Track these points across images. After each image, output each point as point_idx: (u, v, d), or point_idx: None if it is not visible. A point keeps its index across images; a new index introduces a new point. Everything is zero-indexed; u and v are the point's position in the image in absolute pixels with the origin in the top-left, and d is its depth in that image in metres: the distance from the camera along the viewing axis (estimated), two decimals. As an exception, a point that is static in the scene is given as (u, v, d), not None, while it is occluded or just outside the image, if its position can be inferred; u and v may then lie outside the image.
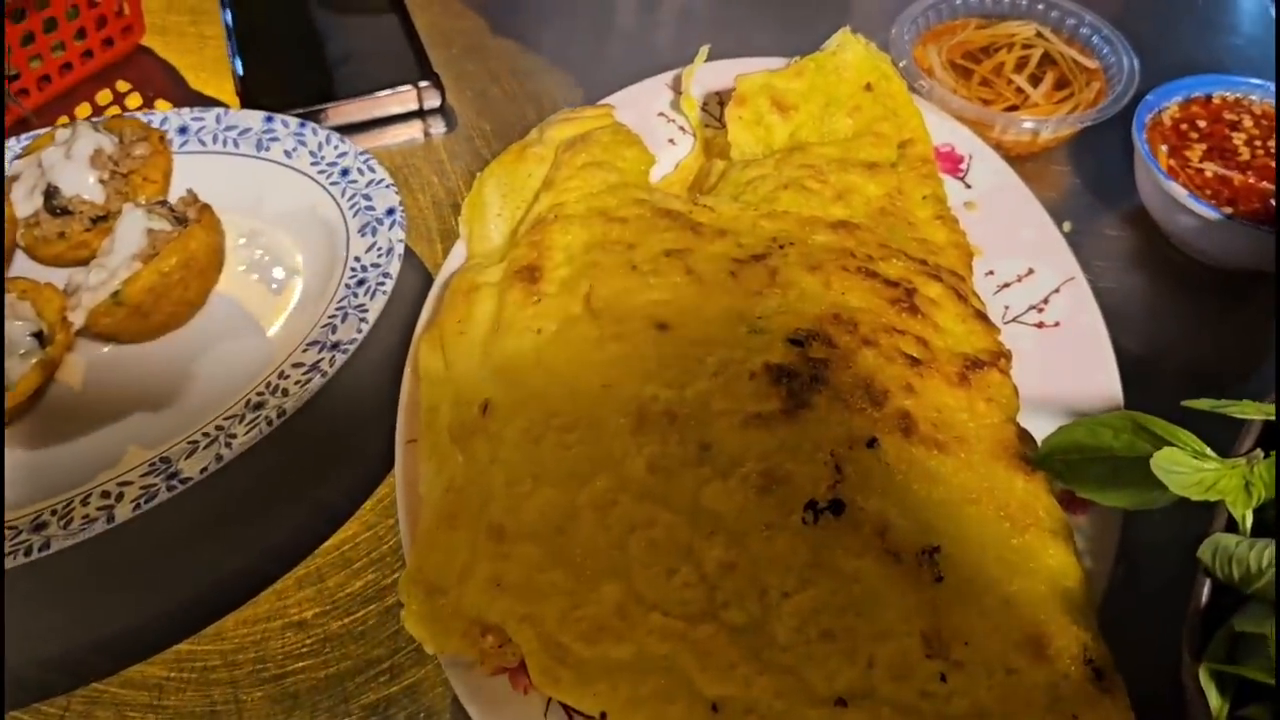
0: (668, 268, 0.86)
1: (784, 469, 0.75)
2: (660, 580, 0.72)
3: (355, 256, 0.98)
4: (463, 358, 0.85)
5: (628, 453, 0.76)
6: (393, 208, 1.00)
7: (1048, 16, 1.25)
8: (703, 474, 0.76)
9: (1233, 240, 1.03)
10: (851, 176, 1.01)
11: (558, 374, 0.81)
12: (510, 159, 1.02)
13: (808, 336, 0.81)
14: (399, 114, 1.21)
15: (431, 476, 0.79)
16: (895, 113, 1.09)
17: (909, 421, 0.77)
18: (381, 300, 0.93)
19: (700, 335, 0.82)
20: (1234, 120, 1.14)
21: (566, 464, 0.76)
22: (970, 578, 0.71)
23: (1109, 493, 0.73)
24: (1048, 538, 0.74)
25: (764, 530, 0.73)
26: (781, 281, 0.86)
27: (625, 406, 0.78)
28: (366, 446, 0.90)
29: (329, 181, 1.05)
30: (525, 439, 0.78)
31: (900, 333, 0.84)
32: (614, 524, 0.74)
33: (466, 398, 0.82)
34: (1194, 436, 0.68)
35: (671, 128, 1.13)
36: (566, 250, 0.90)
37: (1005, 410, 0.82)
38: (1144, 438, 0.71)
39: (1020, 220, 1.04)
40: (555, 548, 0.74)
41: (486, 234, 0.96)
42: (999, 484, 0.76)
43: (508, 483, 0.76)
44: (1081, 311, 0.96)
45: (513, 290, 0.86)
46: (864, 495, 0.74)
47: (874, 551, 0.72)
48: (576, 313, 0.85)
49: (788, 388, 0.78)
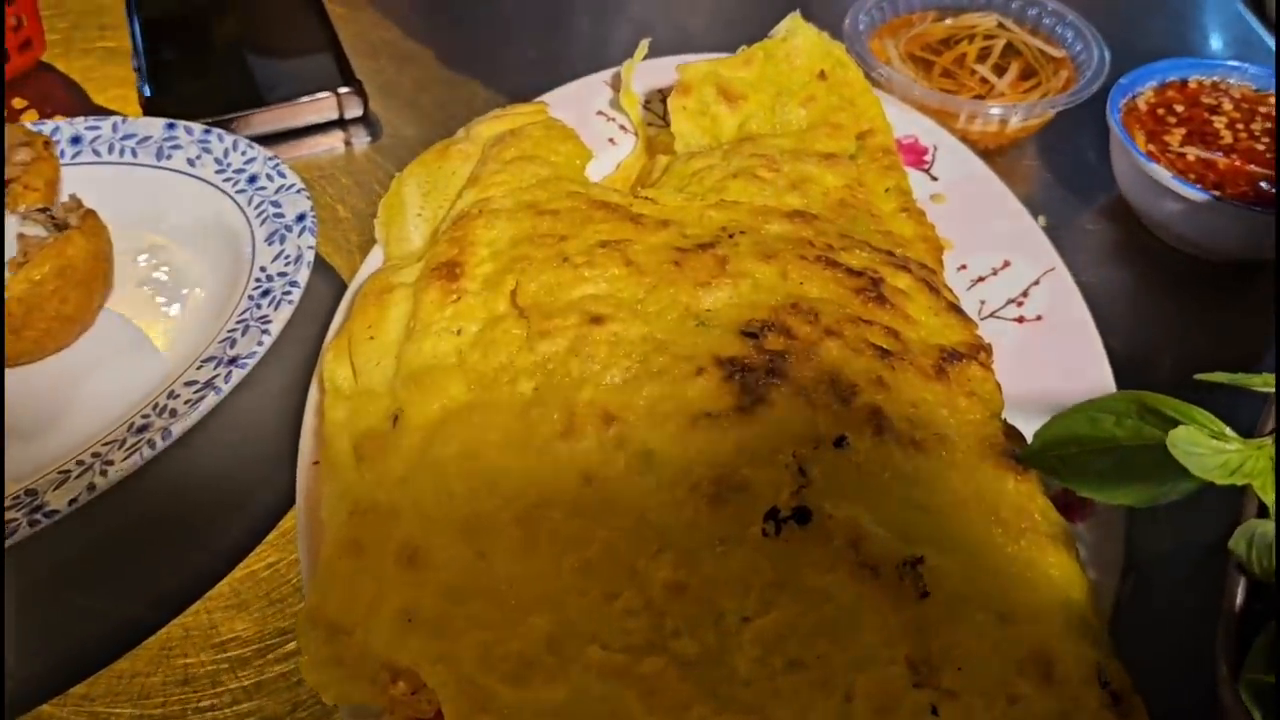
0: (604, 259, 0.76)
1: (739, 474, 0.65)
2: (598, 608, 0.61)
3: (261, 266, 0.88)
4: (373, 366, 0.74)
5: (559, 462, 0.66)
6: (303, 213, 0.90)
7: (1009, 7, 1.18)
8: (646, 484, 0.65)
9: (1222, 224, 0.95)
10: (807, 166, 0.92)
11: (481, 378, 0.71)
12: (432, 157, 0.92)
13: (763, 327, 0.72)
14: (319, 123, 1.12)
15: (334, 500, 0.68)
16: (852, 102, 1.01)
17: (881, 418, 0.68)
18: (287, 310, 0.82)
19: (640, 330, 0.72)
20: (1213, 104, 1.06)
21: (489, 478, 0.66)
22: (960, 592, 0.61)
23: (1114, 489, 0.64)
24: (1046, 544, 0.64)
25: (718, 545, 0.63)
26: (732, 271, 0.76)
27: (556, 411, 0.68)
28: (271, 474, 0.80)
29: (235, 189, 0.95)
30: (442, 452, 0.67)
31: (867, 323, 0.74)
32: (543, 544, 0.63)
33: (375, 409, 0.71)
34: (1211, 416, 0.59)
35: (611, 126, 1.04)
36: (491, 245, 0.80)
37: (989, 406, 0.73)
38: (1152, 422, 0.62)
39: (992, 211, 0.96)
40: (475, 574, 0.63)
41: (405, 235, 0.86)
42: (987, 486, 0.66)
43: (421, 502, 0.66)
44: (1065, 304, 0.88)
45: (430, 289, 0.76)
46: (833, 501, 0.64)
47: (847, 565, 0.61)
48: (501, 311, 0.75)
49: (741, 383, 0.68)
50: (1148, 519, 0.76)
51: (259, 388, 0.85)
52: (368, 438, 0.69)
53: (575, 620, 0.61)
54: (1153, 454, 0.62)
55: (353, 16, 1.30)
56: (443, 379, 0.71)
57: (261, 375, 0.85)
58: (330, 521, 0.68)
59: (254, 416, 0.84)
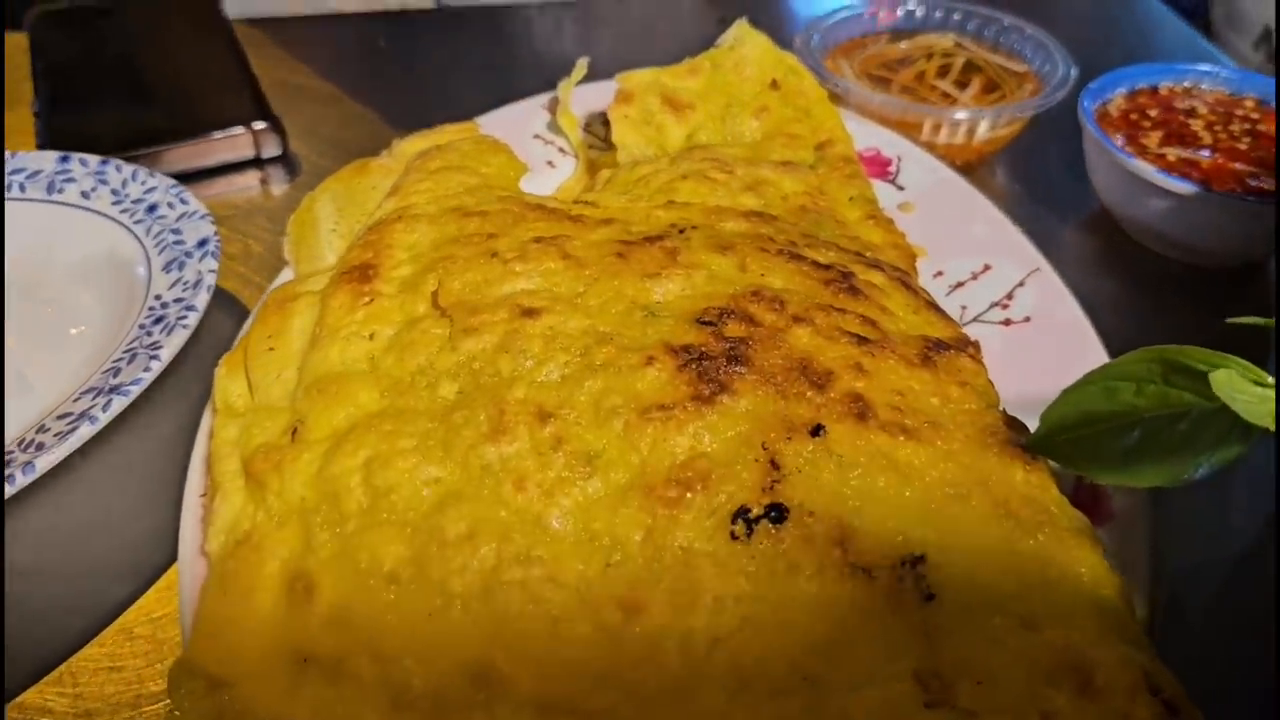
0: (538, 253, 0.67)
1: (699, 470, 0.54)
2: (540, 638, 0.50)
3: (156, 295, 0.78)
4: (272, 380, 0.64)
5: (488, 468, 0.55)
6: (205, 239, 0.81)
7: (965, 27, 1.13)
8: (590, 489, 0.55)
9: (1212, 219, 0.87)
10: (763, 171, 0.84)
11: (395, 384, 0.61)
12: (350, 173, 0.84)
13: (721, 314, 0.63)
14: (236, 162, 1.03)
15: (218, 530, 0.57)
16: (808, 112, 0.94)
17: (863, 405, 0.58)
18: (181, 336, 0.72)
19: (581, 323, 0.62)
20: (1187, 108, 1.01)
21: (405, 492, 0.55)
22: (971, 594, 0.50)
23: (1140, 470, 0.54)
24: (1068, 538, 0.54)
25: (679, 553, 0.52)
26: (684, 262, 0.67)
27: (482, 412, 0.57)
28: (160, 522, 0.68)
29: (133, 220, 0.86)
30: (345, 464, 0.56)
31: (840, 311, 0.65)
32: (470, 567, 0.52)
33: (272, 425, 0.61)
34: (1247, 363, 0.50)
35: (550, 149, 0.96)
36: (411, 249, 0.71)
37: (984, 398, 0.63)
38: (1180, 383, 0.53)
39: (966, 216, 0.88)
40: (386, 605, 0.52)
41: (318, 254, 0.77)
42: (993, 476, 0.56)
43: (325, 523, 0.55)
44: (1055, 303, 0.79)
45: (338, 293, 0.66)
46: (811, 495, 0.54)
47: (834, 568, 0.51)
48: (421, 312, 0.65)
49: (698, 371, 0.58)
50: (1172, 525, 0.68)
51: (152, 429, 0.74)
52: (260, 455, 0.58)
53: (506, 654, 0.50)
54: (1182, 422, 0.53)
55: (273, 58, 1.24)
56: (351, 386, 0.61)
57: (154, 414, 0.74)
58: (214, 555, 0.57)
59: (144, 460, 0.72)
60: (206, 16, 1.22)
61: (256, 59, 1.15)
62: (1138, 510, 0.63)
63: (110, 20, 1.24)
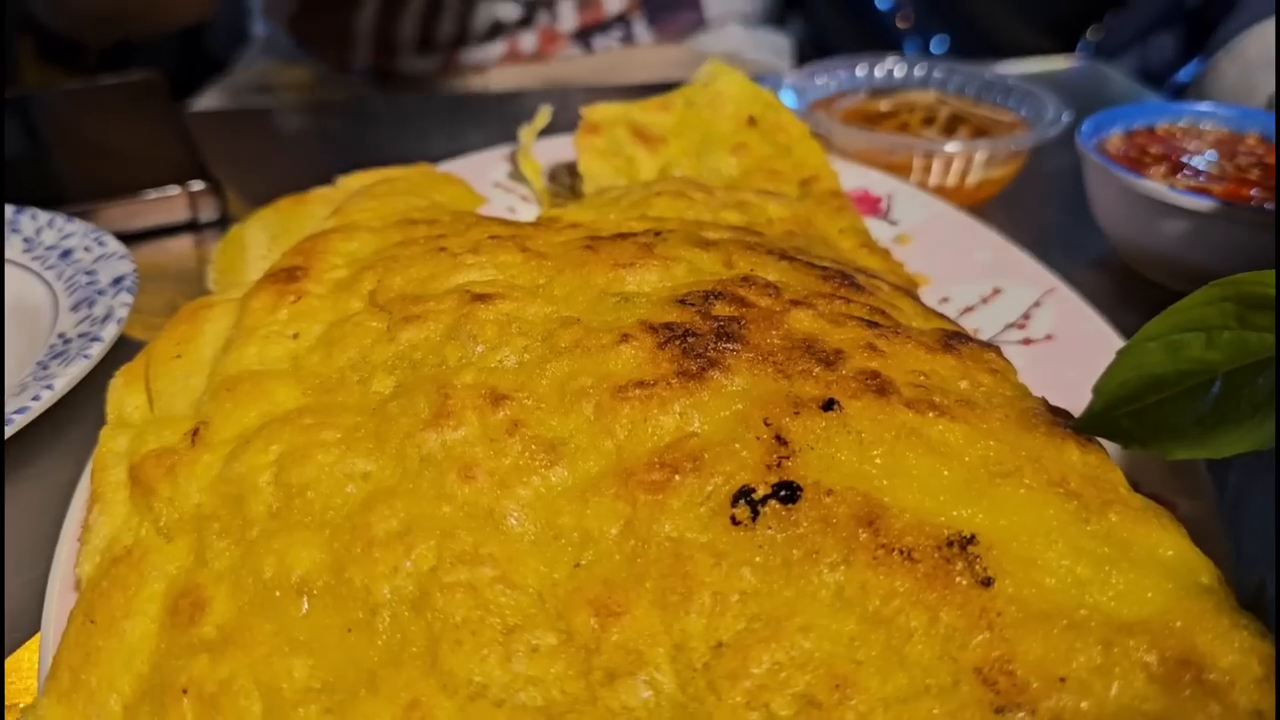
0: (493, 247, 0.58)
1: (689, 450, 0.44)
2: (491, 656, 0.39)
3: (60, 333, 0.68)
4: (177, 389, 0.54)
5: (428, 459, 0.45)
6: (121, 276, 0.72)
7: (947, 85, 1.08)
8: (556, 479, 0.44)
9: (1232, 237, 0.80)
10: (745, 195, 0.77)
11: (322, 382, 0.51)
12: (288, 203, 0.75)
13: (706, 296, 0.53)
14: (170, 225, 0.95)
15: (93, 549, 0.46)
16: (789, 150, 0.87)
17: (883, 381, 0.48)
18: (81, 367, 0.62)
19: (542, 310, 0.53)
20: (1186, 147, 0.95)
21: (325, 489, 0.44)
22: (1039, 578, 0.40)
23: (1222, 437, 0.45)
24: (1148, 518, 0.43)
25: (667, 544, 0.41)
26: (661, 254, 0.59)
27: (422, 398, 0.47)
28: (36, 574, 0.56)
29: (44, 266, 0.77)
30: (255, 461, 0.46)
31: (845, 300, 0.56)
32: (401, 570, 0.41)
33: (170, 433, 0.50)
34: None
35: (511, 197, 0.88)
36: (348, 255, 0.62)
37: (1019, 387, 0.54)
38: (1261, 323, 0.44)
39: (969, 244, 0.81)
40: (293, 621, 0.40)
41: (243, 281, 0.67)
42: (1046, 454, 0.46)
43: (223, 530, 0.44)
44: (1077, 320, 0.71)
45: (260, 294, 0.57)
46: (828, 474, 0.43)
47: (864, 553, 0.40)
48: (356, 308, 0.55)
49: (682, 347, 0.49)
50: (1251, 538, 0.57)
51: (43, 479, 0.63)
52: (150, 459, 0.47)
53: (455, 675, 0.38)
54: (1268, 372, 0.43)
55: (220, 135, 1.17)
56: (268, 384, 0.50)
57: (46, 466, 0.64)
58: (86, 580, 0.45)
59: (30, 511, 0.61)
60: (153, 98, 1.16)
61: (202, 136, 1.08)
62: (1211, 517, 0.53)
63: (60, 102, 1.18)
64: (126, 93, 1.18)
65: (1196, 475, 0.54)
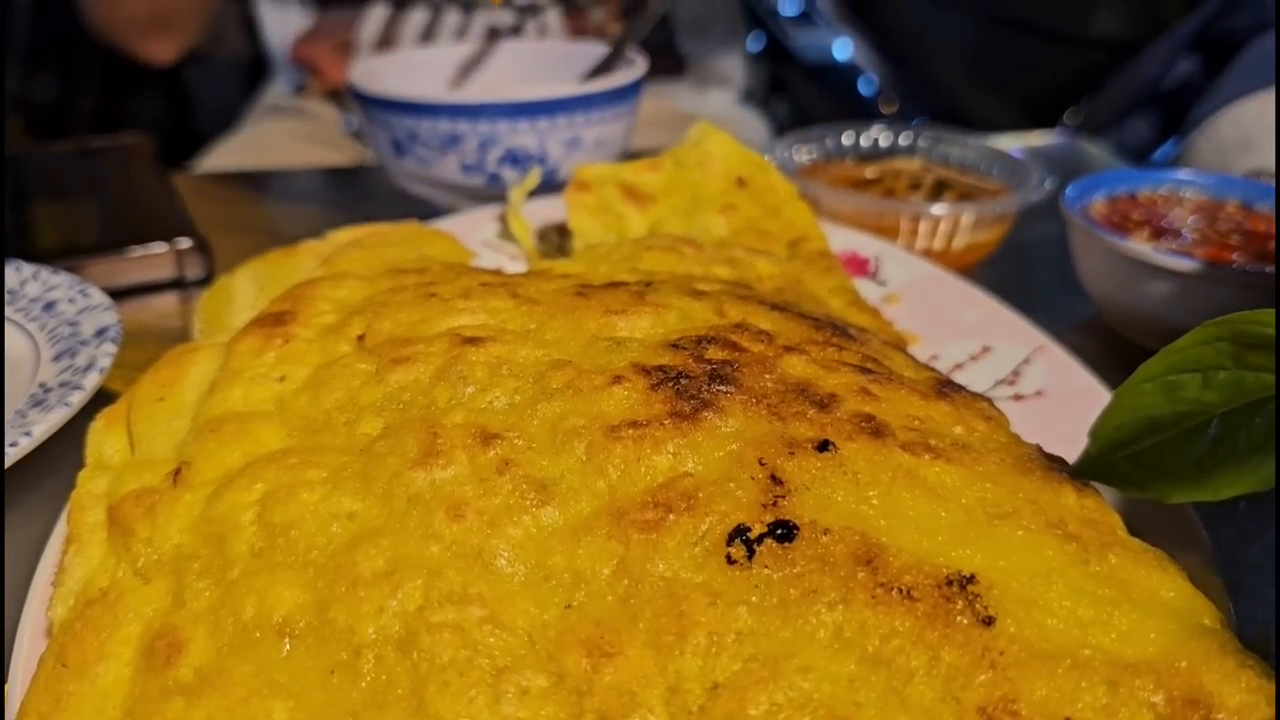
0: (484, 293, 0.58)
1: (683, 489, 0.43)
2: (480, 698, 0.38)
3: (41, 383, 0.67)
4: (159, 432, 0.53)
5: (416, 498, 0.44)
6: (105, 327, 0.72)
7: (932, 153, 1.10)
8: (546, 520, 0.44)
9: (1216, 299, 0.80)
10: (735, 252, 0.77)
11: (308, 424, 0.50)
12: (277, 255, 0.75)
13: (699, 341, 0.53)
14: (155, 283, 0.94)
15: (67, 591, 0.44)
16: (778, 210, 0.88)
17: (877, 424, 0.48)
18: (62, 414, 0.61)
19: (534, 353, 0.53)
20: (1168, 213, 0.96)
21: (309, 528, 0.43)
22: (1041, 618, 0.39)
23: (1219, 479, 0.44)
24: (1148, 560, 0.43)
25: (661, 584, 0.40)
26: (654, 302, 0.58)
27: (410, 437, 0.46)
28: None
29: (27, 318, 0.76)
30: (237, 500, 0.45)
31: (838, 347, 0.56)
32: (387, 609, 0.40)
33: (150, 475, 0.49)
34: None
35: (500, 257, 0.88)
36: (337, 302, 0.61)
37: (1014, 435, 0.53)
38: (1258, 362, 0.43)
39: (957, 302, 0.81)
40: (273, 663, 0.39)
41: (231, 330, 0.67)
42: (1043, 497, 0.46)
43: (203, 571, 0.43)
44: (1067, 376, 0.71)
45: (247, 338, 0.56)
46: (825, 513, 0.43)
47: (863, 592, 0.39)
48: (344, 351, 0.55)
49: (675, 389, 0.48)
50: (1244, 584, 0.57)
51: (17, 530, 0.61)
52: (130, 499, 0.46)
53: (441, 714, 0.37)
54: (1265, 412, 0.43)
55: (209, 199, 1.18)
56: (252, 426, 0.50)
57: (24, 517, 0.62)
58: (58, 624, 0.44)
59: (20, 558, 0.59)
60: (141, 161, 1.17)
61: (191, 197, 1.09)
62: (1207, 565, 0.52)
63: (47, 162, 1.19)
64: (115, 154, 1.19)
65: (1192, 528, 0.53)
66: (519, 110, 0.98)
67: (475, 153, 1.00)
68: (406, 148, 1.02)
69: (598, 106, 1.02)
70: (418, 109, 0.98)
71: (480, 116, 0.98)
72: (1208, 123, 1.65)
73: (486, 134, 0.99)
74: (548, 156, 1.02)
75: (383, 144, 1.04)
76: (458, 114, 0.98)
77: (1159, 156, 2.06)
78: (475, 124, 0.98)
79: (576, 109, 1.00)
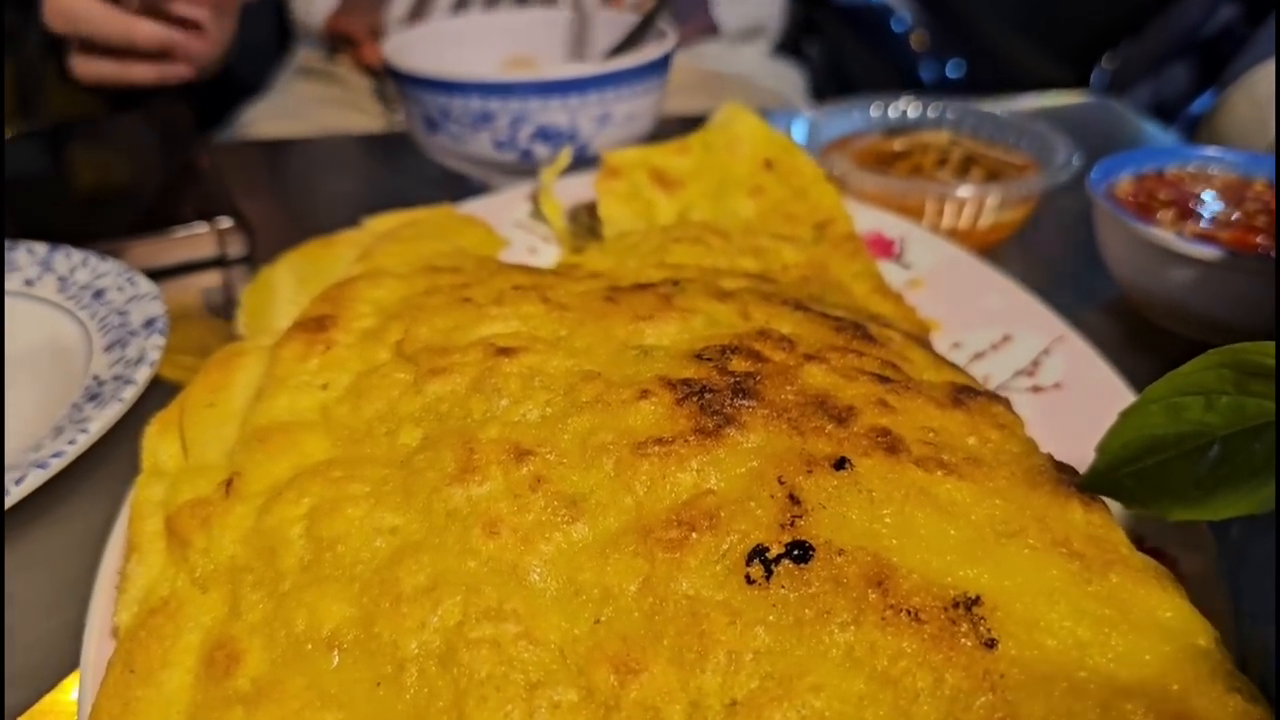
0: (516, 298, 0.60)
1: (705, 508, 0.46)
2: (515, 712, 0.41)
3: (94, 375, 0.71)
4: (210, 437, 0.56)
5: (454, 513, 0.47)
6: (153, 318, 0.74)
7: (961, 125, 1.10)
8: (576, 533, 0.46)
9: (1238, 287, 0.81)
10: (761, 240, 0.79)
11: (350, 434, 0.53)
12: (315, 246, 0.77)
13: (723, 351, 0.55)
14: (197, 261, 0.97)
15: (131, 598, 0.48)
16: (804, 192, 0.89)
17: (893, 439, 0.50)
18: (115, 410, 0.64)
19: (564, 363, 0.55)
20: (1197, 191, 0.96)
21: (354, 543, 0.46)
22: (1041, 640, 0.41)
23: (1220, 500, 0.46)
24: (1148, 579, 0.45)
25: (685, 603, 0.43)
26: (680, 306, 0.60)
27: (448, 451, 0.49)
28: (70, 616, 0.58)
29: (78, 306, 0.79)
30: (286, 514, 0.48)
31: (858, 353, 0.58)
32: (429, 625, 0.43)
33: (204, 483, 0.52)
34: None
35: (532, 238, 0.90)
36: (376, 303, 0.64)
37: (1026, 443, 0.55)
38: (1259, 389, 0.45)
39: (980, 288, 0.82)
40: (324, 674, 0.42)
41: (272, 326, 0.69)
42: (1049, 513, 0.48)
43: (257, 583, 0.46)
44: (1086, 369, 0.72)
45: (290, 344, 0.59)
46: (839, 533, 0.45)
47: (874, 613, 0.42)
48: (383, 359, 0.57)
49: (699, 403, 0.51)
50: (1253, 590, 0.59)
51: (75, 522, 0.65)
52: (185, 510, 0.49)
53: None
54: (1265, 437, 0.45)
55: (246, 170, 1.20)
56: (298, 435, 0.52)
57: (80, 508, 0.65)
58: (123, 630, 0.47)
59: (61, 554, 0.63)
60: (180, 130, 1.19)
61: (229, 171, 1.11)
62: (1210, 575, 0.54)
63: (85, 135, 1.21)
64: (153, 124, 1.21)
65: (1198, 530, 0.55)
66: (550, 88, 0.99)
67: (507, 129, 1.02)
68: (440, 124, 1.03)
69: (627, 82, 1.03)
70: (450, 87, 1.00)
71: (512, 94, 0.99)
72: (1245, 77, 1.63)
73: (518, 111, 1.00)
74: (578, 132, 1.03)
75: (416, 119, 1.06)
76: (489, 92, 0.99)
77: (1196, 109, 2.04)
78: (506, 102, 0.99)
79: (607, 85, 1.01)
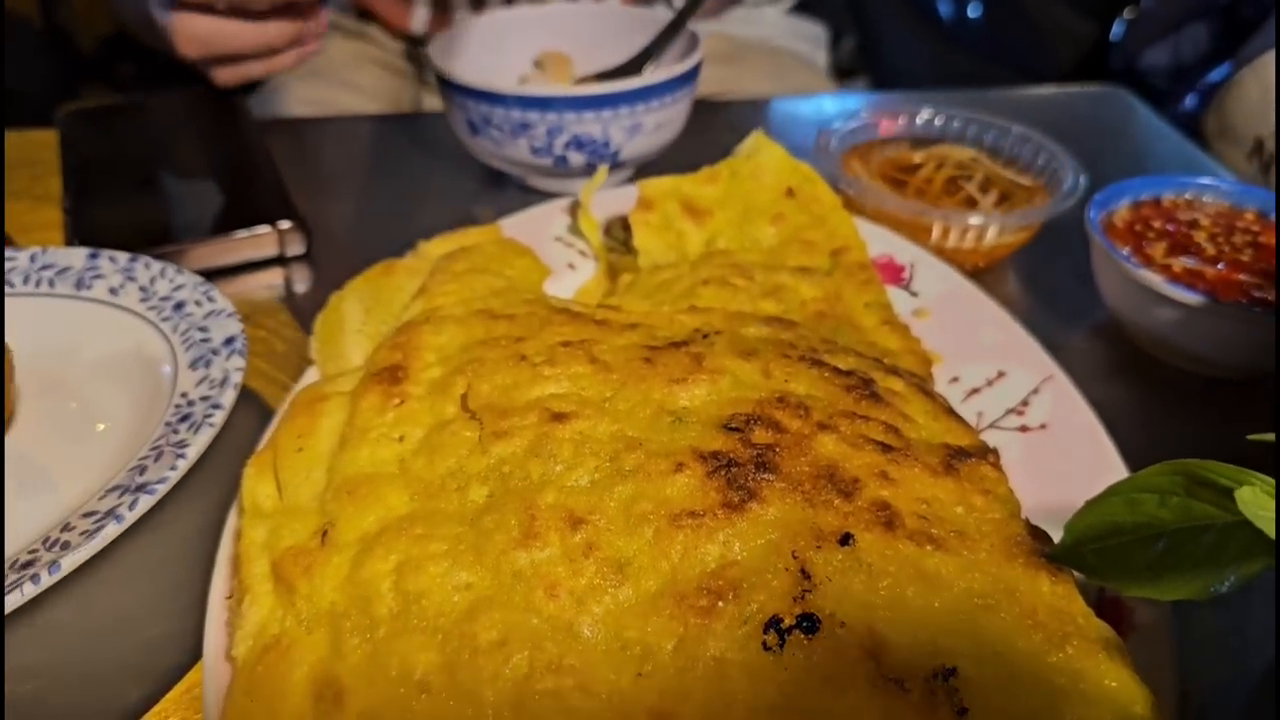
0: (566, 357, 0.68)
1: (731, 579, 0.55)
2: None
3: (183, 393, 0.79)
4: (301, 480, 0.64)
5: (519, 574, 0.56)
6: (232, 337, 0.82)
7: (982, 138, 1.16)
8: (623, 597, 0.55)
9: (1220, 329, 0.89)
10: (781, 277, 0.86)
11: (426, 487, 0.62)
12: (376, 273, 0.85)
13: (748, 421, 0.64)
14: (257, 260, 1.05)
15: (246, 634, 0.57)
16: (823, 220, 0.96)
17: (891, 514, 0.59)
18: (208, 434, 0.73)
19: (610, 428, 0.63)
20: (1189, 220, 1.03)
21: (436, 598, 0.55)
22: (1002, 708, 0.50)
23: (1165, 583, 0.54)
24: (1097, 650, 0.54)
25: (712, 663, 0.52)
26: (709, 368, 0.69)
27: (512, 516, 0.58)
28: (179, 624, 0.68)
29: (160, 317, 0.87)
30: (376, 569, 0.57)
31: (864, 418, 0.66)
32: (502, 676, 0.52)
33: (301, 528, 0.61)
34: (1269, 479, 0.51)
35: (570, 252, 0.98)
36: (439, 351, 0.72)
37: (1007, 506, 0.64)
38: (1204, 497, 0.53)
39: (980, 322, 0.90)
40: (417, 714, 0.51)
41: (343, 353, 0.78)
42: (1021, 586, 0.57)
43: (354, 628, 0.55)
44: (1070, 411, 0.80)
45: (369, 394, 0.67)
46: (843, 606, 0.54)
47: (866, 680, 0.51)
48: (450, 414, 0.66)
49: (727, 478, 0.59)
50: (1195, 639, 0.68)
51: (173, 527, 0.74)
52: (289, 558, 0.58)
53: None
54: (1207, 536, 0.53)
55: (292, 156, 1.27)
56: (381, 489, 0.61)
57: (176, 514, 0.74)
58: (241, 661, 0.56)
59: (163, 560, 0.72)
60: (233, 114, 1.25)
61: (280, 151, 1.18)
62: (1161, 623, 0.63)
63: (138, 118, 1.27)
64: (208, 112, 1.27)
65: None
66: (585, 103, 1.05)
67: (544, 138, 1.08)
68: (481, 129, 1.10)
69: (658, 95, 1.09)
70: (491, 98, 1.06)
71: (549, 108, 1.05)
72: (1259, 60, 1.68)
73: (554, 123, 1.07)
74: (610, 141, 1.10)
75: (460, 122, 1.12)
76: (528, 105, 1.05)
77: (1213, 78, 2.07)
78: (544, 114, 1.06)
79: (638, 100, 1.07)
